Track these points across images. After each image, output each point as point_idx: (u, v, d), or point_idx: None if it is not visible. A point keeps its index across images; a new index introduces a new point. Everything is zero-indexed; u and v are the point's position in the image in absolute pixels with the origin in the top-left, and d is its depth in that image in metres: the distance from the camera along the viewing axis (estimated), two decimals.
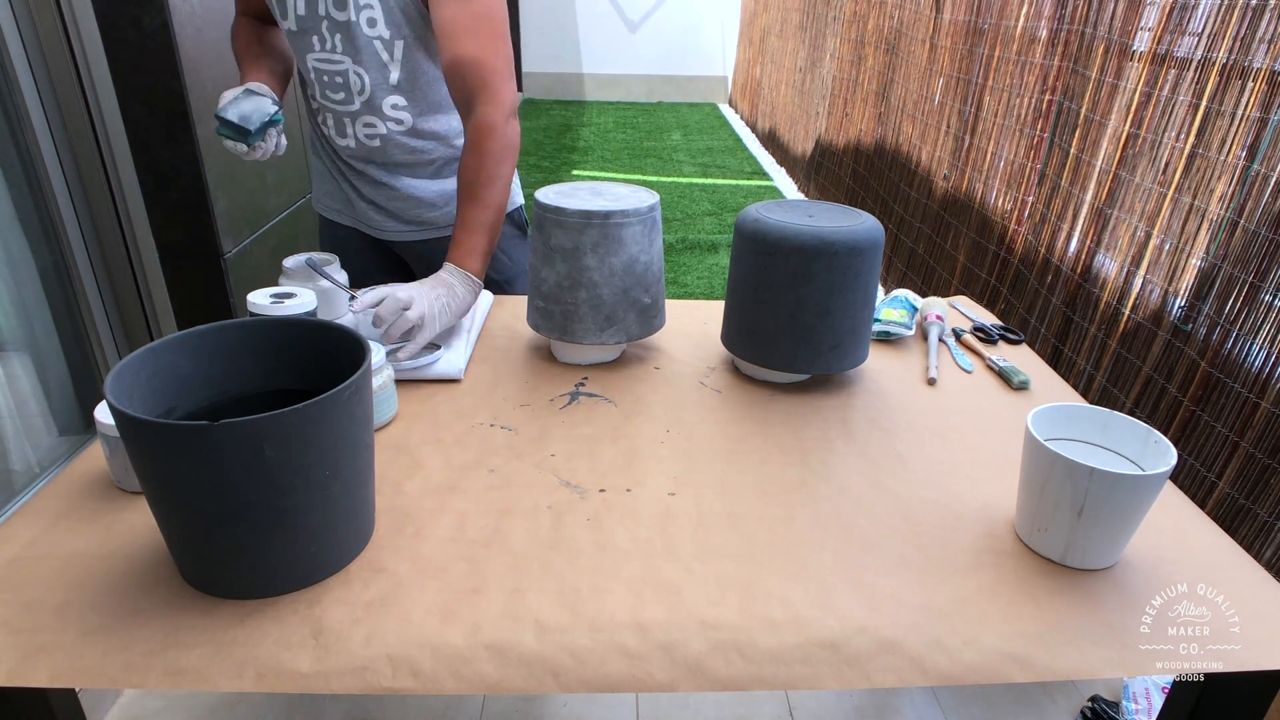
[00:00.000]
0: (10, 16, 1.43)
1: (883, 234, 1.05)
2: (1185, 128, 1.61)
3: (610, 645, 0.67)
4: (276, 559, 0.68)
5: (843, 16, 4.32)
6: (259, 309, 0.98)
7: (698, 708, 1.47)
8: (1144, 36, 1.77)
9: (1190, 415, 1.54)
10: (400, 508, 0.82)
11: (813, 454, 0.95)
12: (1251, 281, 1.40)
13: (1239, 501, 1.41)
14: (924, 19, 3.08)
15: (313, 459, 0.65)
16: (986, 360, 1.21)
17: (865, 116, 3.85)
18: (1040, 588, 0.74)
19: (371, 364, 0.72)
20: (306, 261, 1.14)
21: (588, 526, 0.80)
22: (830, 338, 1.05)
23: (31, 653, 0.63)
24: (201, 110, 1.62)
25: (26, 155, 1.51)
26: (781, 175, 5.57)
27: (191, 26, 1.59)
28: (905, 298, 1.32)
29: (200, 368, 0.74)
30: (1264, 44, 1.43)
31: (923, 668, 0.67)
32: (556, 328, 1.10)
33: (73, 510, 0.80)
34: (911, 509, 0.85)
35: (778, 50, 6.05)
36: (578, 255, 1.05)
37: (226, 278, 1.74)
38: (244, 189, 1.83)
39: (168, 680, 0.62)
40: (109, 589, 0.69)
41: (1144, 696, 1.40)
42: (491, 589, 0.71)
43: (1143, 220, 1.73)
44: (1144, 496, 0.73)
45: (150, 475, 0.64)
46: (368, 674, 0.63)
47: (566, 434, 0.97)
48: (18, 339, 1.57)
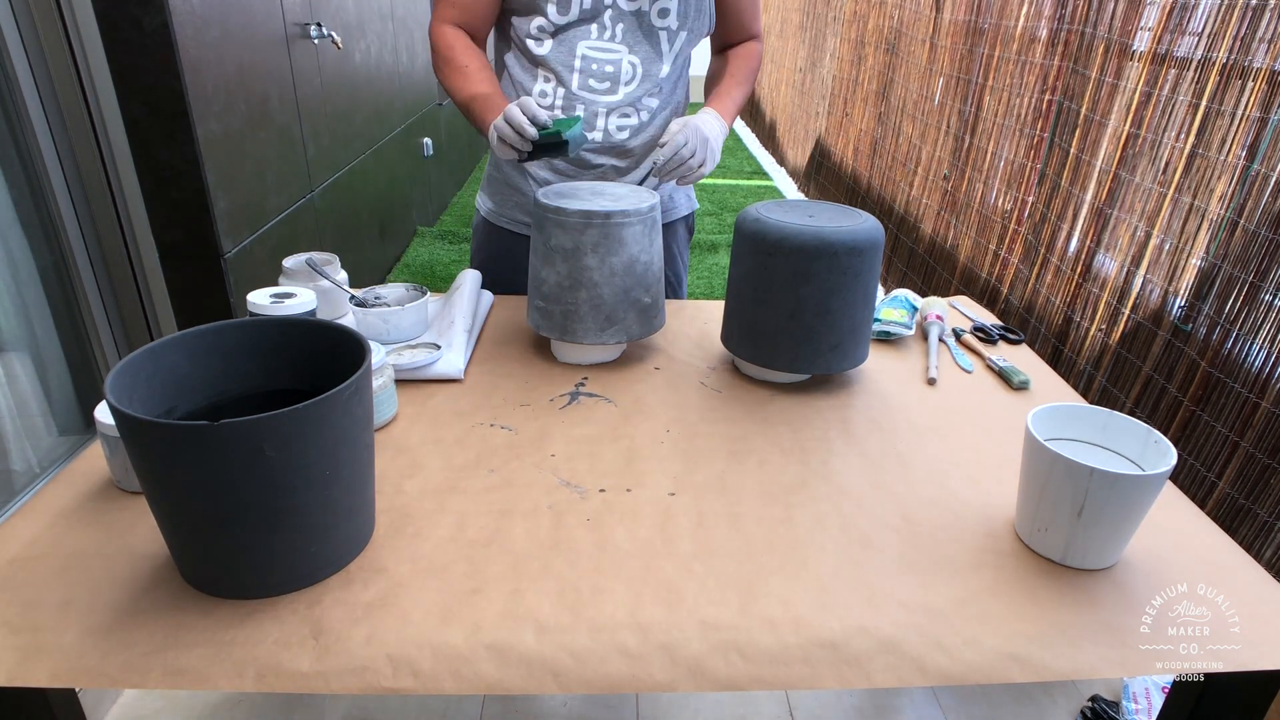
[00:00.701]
0: (10, 16, 1.43)
1: (883, 234, 1.05)
2: (1185, 128, 1.61)
3: (610, 645, 0.66)
4: (276, 559, 0.68)
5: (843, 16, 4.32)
6: (259, 309, 0.98)
7: (698, 708, 1.47)
8: (1144, 36, 1.77)
9: (1190, 415, 1.54)
10: (400, 508, 0.82)
11: (813, 454, 0.95)
12: (1251, 281, 1.40)
13: (1239, 501, 1.41)
14: (924, 19, 3.08)
15: (313, 459, 0.65)
16: (986, 360, 1.21)
17: (865, 116, 3.85)
18: (1040, 588, 0.74)
19: (371, 364, 0.72)
20: (306, 261, 1.15)
21: (588, 526, 0.80)
22: (830, 338, 1.05)
23: (31, 653, 0.63)
24: (202, 110, 1.62)
25: (26, 155, 1.51)
26: (781, 175, 5.57)
27: (191, 26, 1.59)
28: (905, 298, 1.32)
29: (200, 368, 0.74)
30: (1264, 44, 1.43)
31: (923, 668, 0.67)
32: (556, 328, 1.10)
33: (73, 510, 0.80)
34: (911, 509, 0.85)
35: (778, 50, 6.05)
36: (578, 255, 1.05)
37: (226, 278, 1.74)
38: (244, 189, 1.83)
39: (168, 680, 0.62)
40: (109, 589, 0.69)
41: (1144, 696, 1.40)
42: (491, 589, 0.71)
43: (1143, 220, 1.73)
44: (1144, 496, 0.73)
45: (150, 475, 0.64)
46: (368, 674, 0.63)
47: (566, 434, 0.97)
48: (18, 339, 1.57)
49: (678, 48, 1.26)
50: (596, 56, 1.22)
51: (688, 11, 1.23)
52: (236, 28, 1.81)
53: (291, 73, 2.15)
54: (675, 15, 1.22)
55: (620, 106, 1.26)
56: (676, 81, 1.32)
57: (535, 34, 1.22)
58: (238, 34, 1.81)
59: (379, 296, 1.19)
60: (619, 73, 1.23)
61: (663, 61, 1.25)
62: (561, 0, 1.19)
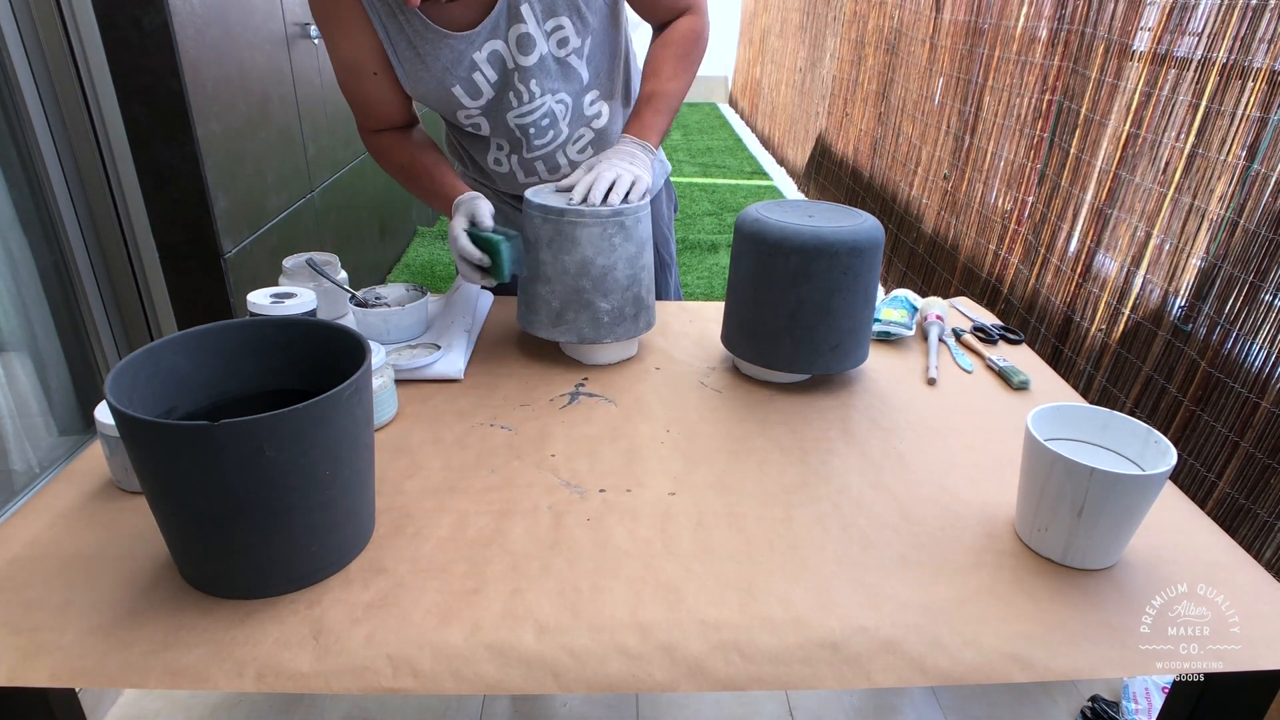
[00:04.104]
0: (10, 16, 1.43)
1: (883, 234, 1.05)
2: (1185, 128, 1.61)
3: (610, 645, 0.67)
4: (276, 559, 0.68)
5: (843, 16, 4.32)
6: (259, 309, 0.98)
7: (698, 708, 1.47)
8: (1144, 36, 1.77)
9: (1190, 415, 1.54)
10: (400, 508, 0.82)
11: (813, 454, 0.95)
12: (1251, 281, 1.40)
13: (1239, 501, 1.41)
14: (924, 19, 3.08)
15: (313, 459, 0.65)
16: (986, 360, 1.21)
17: (865, 116, 3.85)
18: (1040, 588, 0.74)
19: (371, 364, 0.72)
20: (307, 261, 1.15)
21: (588, 526, 0.80)
22: (830, 338, 1.05)
23: (31, 653, 0.63)
24: (202, 110, 1.62)
25: (26, 155, 1.51)
26: (781, 175, 5.57)
27: (191, 26, 1.59)
28: (905, 298, 1.32)
29: (200, 368, 0.74)
30: (1264, 44, 1.43)
31: (923, 668, 0.67)
32: (523, 317, 1.14)
33: (73, 510, 0.80)
34: (911, 509, 0.85)
35: (778, 50, 6.05)
36: (537, 248, 1.08)
37: (226, 278, 1.74)
38: (244, 189, 1.83)
39: (168, 680, 0.62)
40: (109, 589, 0.69)
41: (1144, 696, 1.40)
42: (491, 589, 0.71)
43: (1143, 220, 1.73)
44: (1144, 496, 0.73)
45: (150, 475, 0.64)
46: (368, 674, 0.63)
47: (566, 434, 0.97)
48: (18, 339, 1.57)
49: (588, 49, 1.17)
50: (527, 121, 1.19)
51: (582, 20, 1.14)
52: (236, 28, 1.81)
53: (291, 73, 2.15)
54: (572, 31, 1.14)
55: (570, 139, 1.24)
56: (609, 70, 1.23)
57: (466, 122, 1.21)
58: (238, 34, 1.81)
59: (379, 296, 1.19)
60: (554, 118, 1.20)
61: (582, 73, 1.19)
62: (470, 90, 1.15)
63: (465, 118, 1.19)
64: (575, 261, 1.06)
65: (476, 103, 1.16)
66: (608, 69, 1.23)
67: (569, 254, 1.06)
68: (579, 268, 1.06)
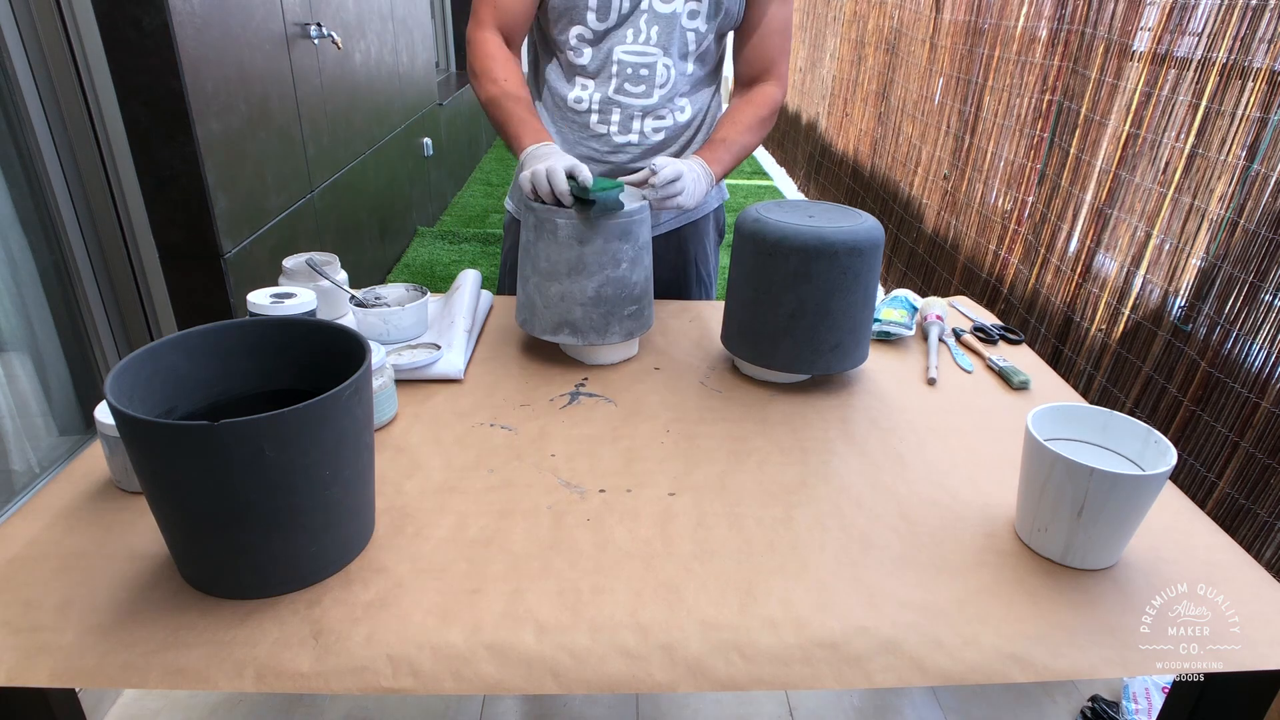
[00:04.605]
0: (10, 16, 1.43)
1: (883, 234, 1.05)
2: (1185, 128, 1.61)
3: (610, 645, 0.67)
4: (276, 559, 0.68)
5: (843, 16, 4.32)
6: (259, 309, 0.98)
7: (698, 708, 1.47)
8: (1144, 36, 1.77)
9: (1190, 415, 1.54)
10: (400, 508, 0.82)
11: (813, 454, 0.95)
12: (1251, 281, 1.40)
13: (1239, 501, 1.41)
14: (924, 19, 3.08)
15: (313, 459, 0.65)
16: (986, 360, 1.21)
17: (865, 116, 3.85)
18: (1040, 588, 0.74)
19: (371, 364, 0.72)
20: (307, 261, 1.15)
21: (588, 526, 0.80)
22: (830, 338, 1.05)
23: (31, 653, 0.63)
24: (202, 110, 1.63)
25: (26, 155, 1.51)
26: (781, 175, 5.57)
27: (191, 26, 1.59)
28: (905, 298, 1.32)
29: (200, 368, 0.74)
30: (1264, 44, 1.43)
31: (923, 668, 0.67)
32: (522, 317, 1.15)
33: (73, 510, 0.80)
34: (911, 509, 0.85)
35: None
36: (536, 248, 1.09)
37: (226, 278, 1.74)
38: (244, 189, 1.83)
39: (168, 680, 0.62)
40: (109, 589, 0.69)
41: (1144, 696, 1.40)
42: (491, 589, 0.71)
43: (1143, 220, 1.73)
44: (1144, 496, 0.73)
45: (150, 475, 0.64)
46: (368, 674, 0.63)
47: (566, 434, 0.97)
48: (18, 339, 1.57)
49: (704, 47, 1.26)
50: (632, 60, 1.22)
51: (715, 11, 1.23)
52: (236, 28, 1.81)
53: (291, 73, 2.15)
54: (704, 17, 1.23)
55: (655, 109, 1.27)
56: (706, 83, 1.32)
57: (574, 44, 1.23)
58: (238, 34, 1.81)
59: (379, 296, 1.19)
60: (654, 75, 1.24)
61: (688, 62, 1.26)
62: (601, 7, 1.19)
63: (577, 39, 1.22)
64: (575, 262, 1.06)
65: (603, 24, 1.21)
66: (705, 81, 1.31)
67: (569, 254, 1.06)
68: (579, 268, 1.06)
